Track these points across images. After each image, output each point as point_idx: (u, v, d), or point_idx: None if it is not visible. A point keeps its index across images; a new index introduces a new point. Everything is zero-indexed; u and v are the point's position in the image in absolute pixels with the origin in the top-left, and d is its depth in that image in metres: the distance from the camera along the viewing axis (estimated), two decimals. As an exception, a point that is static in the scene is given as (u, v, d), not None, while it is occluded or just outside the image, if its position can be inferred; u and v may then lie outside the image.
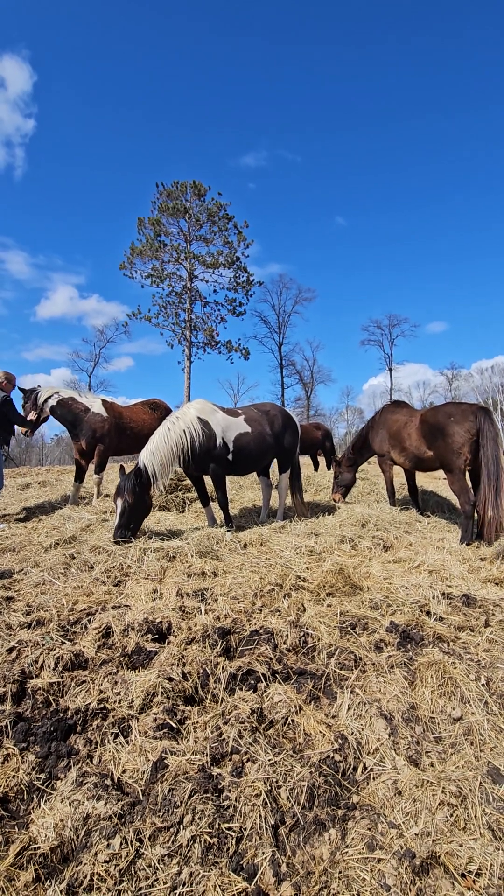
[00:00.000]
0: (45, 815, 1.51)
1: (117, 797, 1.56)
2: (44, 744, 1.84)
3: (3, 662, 2.34)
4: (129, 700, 2.11)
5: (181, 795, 1.52)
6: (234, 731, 1.86)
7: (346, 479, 6.71)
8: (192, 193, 32.16)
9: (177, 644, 2.62)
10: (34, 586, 3.39)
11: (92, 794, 1.56)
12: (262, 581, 3.49)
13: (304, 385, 47.31)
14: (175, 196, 32.19)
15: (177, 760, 1.73)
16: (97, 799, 1.55)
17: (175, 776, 1.66)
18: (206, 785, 1.57)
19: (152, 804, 1.52)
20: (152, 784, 1.68)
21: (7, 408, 5.56)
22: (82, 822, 1.45)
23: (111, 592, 3.30)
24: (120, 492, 4.04)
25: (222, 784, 1.62)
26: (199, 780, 1.59)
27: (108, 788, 1.61)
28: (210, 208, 32.11)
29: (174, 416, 4.52)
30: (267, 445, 5.01)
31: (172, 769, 1.70)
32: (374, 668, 2.46)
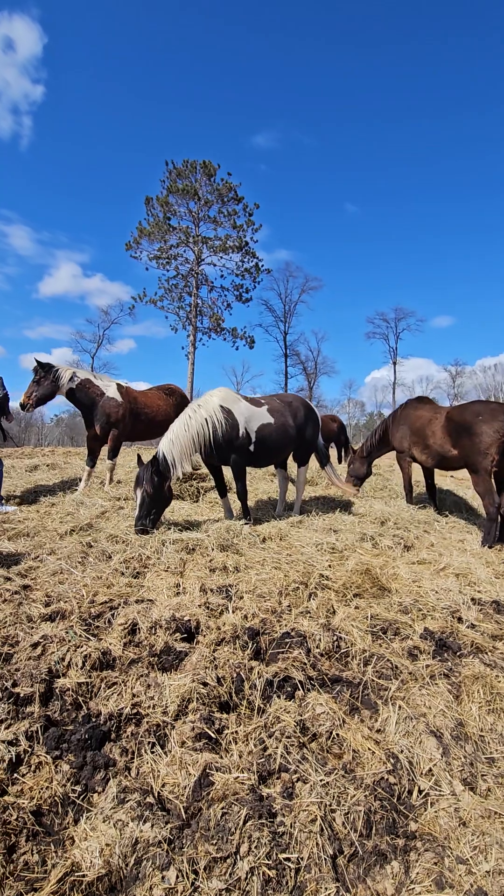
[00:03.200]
0: (87, 837, 1.40)
1: (164, 819, 1.45)
2: (78, 752, 1.72)
3: (29, 659, 2.22)
4: (164, 705, 1.99)
5: (235, 821, 1.40)
6: (281, 746, 1.75)
7: (360, 471, 6.60)
8: (202, 173, 31.48)
9: (206, 644, 2.50)
10: (51, 575, 3.26)
11: (137, 815, 1.45)
12: (287, 579, 3.38)
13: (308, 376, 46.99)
14: (184, 175, 31.51)
15: (223, 778, 1.61)
16: (143, 820, 1.43)
17: (224, 796, 1.54)
18: (259, 809, 1.46)
19: (203, 829, 1.41)
20: (197, 802, 1.57)
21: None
22: (131, 848, 1.34)
23: (132, 585, 3.18)
24: (139, 482, 3.89)
25: (275, 807, 1.51)
26: (251, 804, 1.47)
27: (153, 808, 1.50)
28: (220, 189, 31.47)
29: (196, 403, 4.36)
30: (289, 437, 4.87)
31: (220, 788, 1.58)
32: (412, 678, 2.36)
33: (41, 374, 5.33)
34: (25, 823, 1.49)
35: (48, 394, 5.41)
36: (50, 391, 5.40)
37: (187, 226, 31.90)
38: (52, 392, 5.42)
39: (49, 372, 5.38)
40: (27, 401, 5.29)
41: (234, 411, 4.46)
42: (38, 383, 5.32)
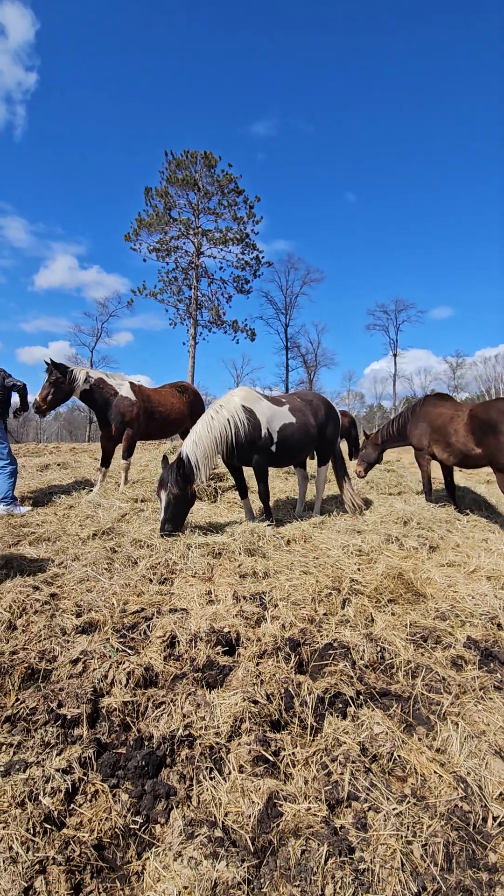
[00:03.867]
0: (161, 878, 1.32)
1: (239, 856, 1.37)
2: (136, 780, 1.64)
3: (71, 677, 2.13)
4: (216, 726, 1.91)
5: (317, 860, 1.33)
6: (347, 772, 1.67)
7: (371, 457, 6.59)
8: (203, 164, 31.09)
9: (249, 658, 2.43)
10: (78, 582, 3.17)
11: (210, 851, 1.37)
12: (319, 584, 3.30)
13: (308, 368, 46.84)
14: (184, 166, 31.11)
15: (293, 809, 1.53)
16: (216, 858, 1.36)
17: (297, 829, 1.46)
18: (339, 845, 1.38)
19: (283, 868, 1.33)
20: (265, 834, 1.49)
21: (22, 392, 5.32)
22: (211, 892, 1.26)
23: (162, 592, 3.10)
24: (163, 484, 3.80)
25: (351, 841, 1.43)
26: (330, 839, 1.40)
27: (224, 843, 1.42)
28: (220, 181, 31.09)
29: (217, 403, 4.26)
30: (310, 436, 4.77)
31: (290, 819, 1.51)
32: (462, 691, 2.29)
33: (57, 376, 5.19)
34: (89, 859, 1.41)
35: (64, 396, 5.28)
36: (66, 393, 5.27)
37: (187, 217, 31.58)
38: (68, 394, 5.28)
39: (65, 373, 5.24)
40: (42, 404, 5.15)
41: (256, 411, 4.37)
42: (55, 385, 5.18)
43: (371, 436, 6.55)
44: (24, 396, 5.41)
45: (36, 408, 5.17)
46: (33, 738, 1.77)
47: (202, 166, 31.10)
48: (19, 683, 2.10)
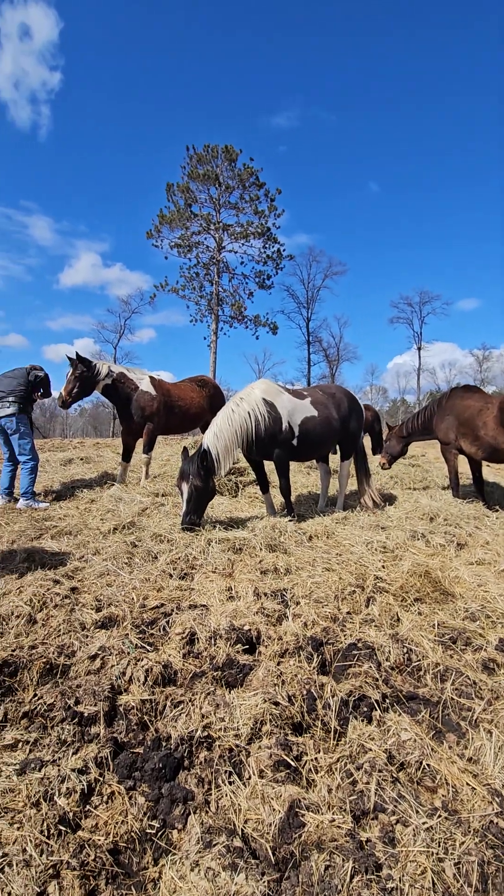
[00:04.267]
0: (177, 889, 1.26)
1: (259, 868, 1.30)
2: (153, 783, 1.59)
3: (89, 673, 2.10)
4: (236, 728, 1.85)
5: (342, 877, 1.25)
6: (373, 782, 1.58)
7: (395, 449, 6.45)
8: (224, 158, 30.90)
9: (269, 657, 2.35)
10: (99, 576, 3.16)
11: (228, 863, 1.30)
12: (342, 581, 3.20)
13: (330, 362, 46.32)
14: (206, 160, 31.00)
15: (316, 819, 1.46)
16: (235, 869, 1.29)
17: (320, 842, 1.39)
18: (365, 861, 1.30)
19: (306, 884, 1.26)
20: (287, 845, 1.42)
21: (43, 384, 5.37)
22: (229, 907, 1.19)
23: (182, 588, 3.05)
24: (185, 476, 3.75)
25: (378, 857, 1.35)
26: (355, 855, 1.31)
27: (243, 854, 1.35)
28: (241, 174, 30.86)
29: (238, 396, 4.18)
30: (333, 430, 4.66)
31: (313, 831, 1.43)
32: (492, 695, 2.16)
33: (82, 370, 5.20)
34: (104, 864, 1.37)
35: (88, 390, 5.30)
36: (89, 387, 5.29)
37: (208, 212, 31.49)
38: (91, 388, 5.30)
39: (89, 367, 5.25)
40: (67, 398, 5.18)
41: (276, 404, 4.27)
42: (79, 379, 5.20)
43: (395, 428, 6.38)
44: (47, 385, 5.45)
45: (61, 402, 5.20)
46: (50, 735, 1.74)
47: (223, 160, 30.92)
48: (38, 679, 2.08)
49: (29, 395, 5.31)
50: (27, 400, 5.29)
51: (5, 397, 5.21)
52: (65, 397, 5.19)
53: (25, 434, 5.19)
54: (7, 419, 5.17)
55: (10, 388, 5.22)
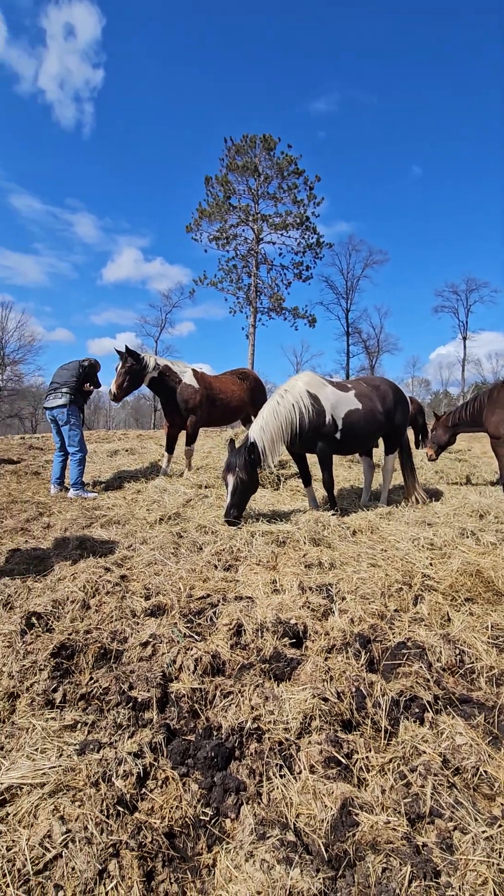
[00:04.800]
0: (233, 878, 1.28)
1: (314, 864, 1.30)
2: (205, 771, 1.62)
3: (141, 660, 2.16)
4: (285, 721, 1.85)
5: (399, 881, 1.22)
6: (429, 785, 1.55)
7: (442, 439, 6.25)
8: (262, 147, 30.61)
9: (317, 652, 2.34)
10: (146, 565, 3.23)
11: (283, 856, 1.31)
12: (388, 578, 3.14)
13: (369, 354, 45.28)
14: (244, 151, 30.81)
15: (371, 820, 1.44)
16: (290, 864, 1.29)
17: (375, 843, 1.37)
18: (423, 867, 1.27)
19: (362, 885, 1.24)
20: (340, 843, 1.41)
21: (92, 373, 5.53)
22: (285, 901, 1.20)
23: (227, 579, 3.08)
24: (231, 468, 3.77)
25: (436, 863, 1.31)
26: (413, 859, 1.29)
27: (297, 849, 1.35)
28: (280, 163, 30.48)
29: (282, 388, 4.16)
30: (377, 423, 4.55)
31: (367, 831, 1.41)
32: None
33: (131, 363, 5.32)
34: (160, 847, 1.40)
35: (137, 383, 5.41)
36: (138, 380, 5.40)
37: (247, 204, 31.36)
38: (140, 381, 5.41)
39: (138, 360, 5.36)
40: (117, 391, 5.31)
41: (320, 397, 4.22)
42: (129, 372, 5.31)
43: (442, 417, 6.17)
44: (94, 376, 5.61)
45: (112, 395, 5.34)
46: (106, 718, 1.80)
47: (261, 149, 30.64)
48: (93, 662, 2.15)
49: (80, 387, 5.48)
50: (78, 392, 5.46)
51: (59, 388, 5.40)
52: (115, 391, 5.31)
53: (75, 426, 5.37)
54: (59, 410, 5.36)
55: (63, 379, 5.41)
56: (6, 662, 2.09)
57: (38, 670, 2.06)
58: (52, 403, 5.39)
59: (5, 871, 1.26)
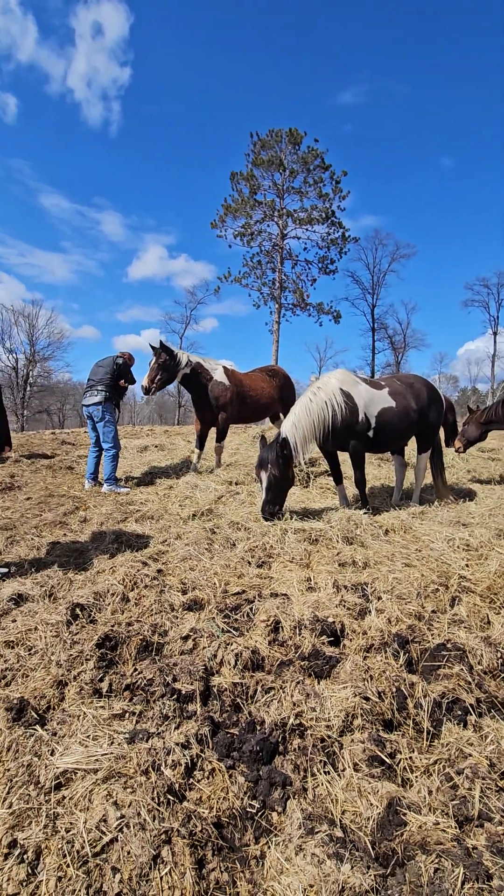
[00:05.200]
0: (284, 870, 1.30)
1: (364, 861, 1.31)
2: (251, 764, 1.65)
3: (182, 653, 2.20)
4: (327, 718, 1.86)
5: (452, 882, 1.22)
6: (477, 788, 1.53)
7: (473, 434, 6.10)
8: (287, 141, 30.36)
9: (355, 650, 2.34)
10: (181, 560, 3.29)
11: (332, 852, 1.32)
12: (424, 579, 3.10)
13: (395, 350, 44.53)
14: (269, 146, 30.61)
15: (419, 820, 1.44)
16: (340, 859, 1.30)
17: (424, 843, 1.37)
18: (475, 869, 1.27)
19: (414, 885, 1.25)
20: (387, 841, 1.41)
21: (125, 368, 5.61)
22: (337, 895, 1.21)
23: (261, 576, 3.11)
24: (264, 464, 3.79)
25: (488, 867, 1.30)
26: (464, 861, 1.28)
27: (347, 845, 1.36)
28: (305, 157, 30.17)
29: (315, 386, 4.14)
30: (410, 422, 4.49)
31: (415, 831, 1.41)
32: None
33: (165, 358, 5.38)
34: (210, 836, 1.44)
35: (170, 378, 5.47)
36: (172, 376, 5.46)
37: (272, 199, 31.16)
38: (173, 376, 5.47)
39: (172, 356, 5.42)
40: (150, 385, 5.38)
41: (353, 394, 4.19)
42: (163, 367, 5.38)
43: (476, 413, 6.04)
44: (127, 371, 5.69)
45: (145, 389, 5.41)
46: (152, 708, 1.85)
47: (287, 143, 30.39)
48: (135, 654, 2.21)
49: (115, 384, 5.58)
50: (113, 388, 5.57)
51: (95, 385, 5.53)
52: (148, 385, 5.37)
53: (109, 423, 5.48)
54: (94, 407, 5.48)
55: (98, 376, 5.53)
56: (54, 651, 2.17)
57: (84, 660, 2.12)
58: (89, 401, 5.51)
59: (66, 852, 1.32)
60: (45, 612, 2.45)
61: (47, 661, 2.13)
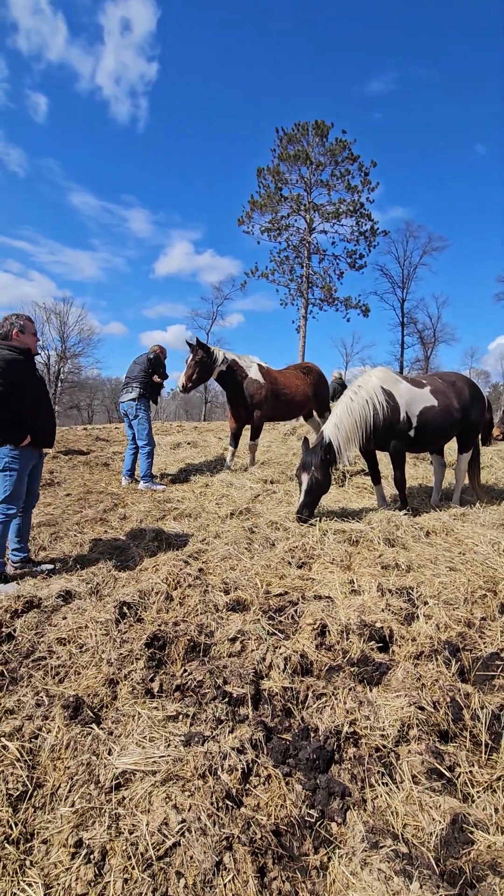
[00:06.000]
0: (350, 885, 1.27)
1: (433, 880, 1.27)
2: (308, 772, 1.62)
3: (231, 656, 2.20)
4: (381, 728, 1.82)
5: (531, 909, 1.17)
6: (547, 809, 1.47)
7: None
8: (314, 134, 29.89)
9: (405, 657, 2.28)
10: (222, 560, 3.28)
11: (398, 868, 1.29)
12: (470, 584, 3.01)
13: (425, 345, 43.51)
14: (296, 139, 30.23)
15: (487, 840, 1.39)
16: (408, 877, 1.27)
17: (495, 863, 1.32)
18: None
19: (489, 908, 1.20)
20: (454, 859, 1.37)
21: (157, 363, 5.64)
22: (409, 915, 1.18)
23: (303, 577, 3.08)
24: (307, 467, 3.75)
25: None
26: (542, 887, 1.23)
27: (413, 862, 1.33)
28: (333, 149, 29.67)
29: (356, 385, 4.07)
30: (453, 421, 4.36)
31: (483, 850, 1.36)
32: None
33: (202, 355, 5.39)
34: (269, 844, 1.42)
35: (206, 375, 5.47)
36: (208, 372, 5.46)
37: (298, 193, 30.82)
38: (209, 373, 5.47)
39: (209, 353, 5.43)
40: (188, 383, 5.40)
41: (394, 393, 4.09)
42: (200, 364, 5.38)
43: None
44: (157, 366, 5.73)
45: (182, 387, 5.44)
46: (205, 711, 1.84)
47: (314, 136, 29.93)
48: (183, 654, 2.21)
49: (149, 380, 5.63)
50: (148, 385, 5.62)
51: (130, 383, 5.60)
52: (185, 382, 5.39)
53: (143, 420, 5.53)
54: (129, 404, 5.56)
55: (133, 374, 5.59)
56: (104, 649, 2.19)
57: (134, 659, 2.14)
58: (125, 398, 5.59)
59: (130, 854, 1.33)
60: (93, 610, 2.48)
61: (98, 659, 2.15)
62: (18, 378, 2.93)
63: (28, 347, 3.08)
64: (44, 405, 3.15)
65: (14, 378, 2.90)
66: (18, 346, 3.02)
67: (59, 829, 1.41)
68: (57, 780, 1.58)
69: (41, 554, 3.44)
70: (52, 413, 3.19)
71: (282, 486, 4.94)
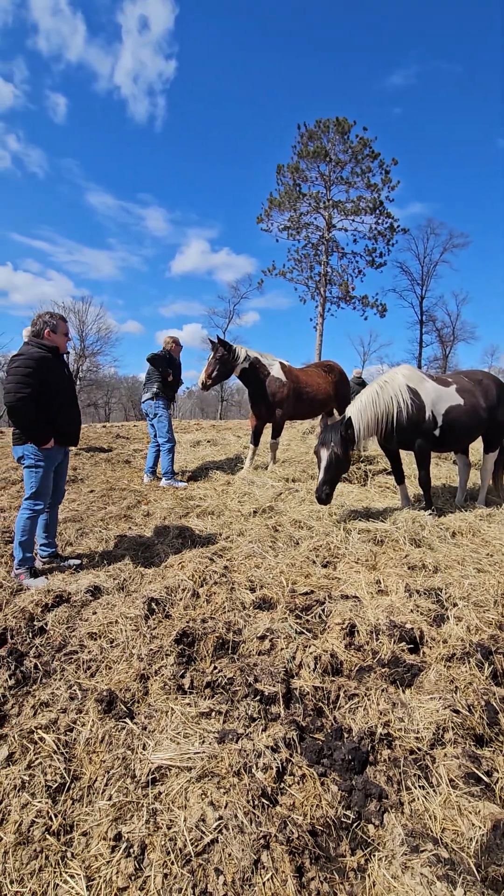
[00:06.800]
0: (391, 888, 1.26)
1: (477, 887, 1.24)
2: (343, 773, 1.61)
3: (260, 654, 2.19)
4: (416, 730, 1.80)
5: None
6: None
7: None
8: (335, 131, 29.66)
9: (436, 659, 2.25)
10: (246, 557, 3.28)
11: (441, 873, 1.27)
12: (501, 585, 2.95)
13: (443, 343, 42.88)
14: (316, 136, 30.04)
15: (532, 848, 1.35)
16: (451, 883, 1.25)
17: (541, 873, 1.29)
18: None
19: (538, 918, 1.17)
20: (496, 866, 1.34)
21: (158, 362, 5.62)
22: (455, 922, 1.16)
23: (329, 577, 3.05)
24: (326, 443, 3.71)
25: None
26: None
27: (456, 867, 1.30)
28: (353, 146, 29.41)
29: (382, 380, 4.02)
30: (479, 420, 4.28)
31: (529, 859, 1.33)
32: None
33: (223, 353, 5.38)
34: (307, 844, 1.41)
35: (227, 373, 5.46)
36: (229, 370, 5.45)
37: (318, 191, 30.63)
38: (230, 371, 5.46)
39: (230, 350, 5.42)
40: (208, 380, 5.39)
41: (420, 391, 4.03)
42: (221, 361, 5.38)
43: None
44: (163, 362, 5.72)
45: (202, 384, 5.43)
46: (237, 708, 1.84)
47: (334, 133, 29.71)
48: (212, 652, 2.21)
49: (164, 379, 5.65)
50: (163, 384, 5.64)
51: (147, 382, 5.64)
52: (205, 380, 5.38)
53: (161, 418, 5.56)
54: (147, 403, 5.60)
55: (148, 373, 5.63)
56: (135, 645, 2.21)
57: (164, 655, 2.15)
58: (143, 398, 5.65)
59: (169, 850, 1.33)
60: (123, 606, 2.50)
61: (129, 654, 2.17)
62: (47, 376, 2.96)
63: (56, 346, 3.11)
64: (70, 403, 3.18)
65: (43, 376, 2.94)
66: (48, 344, 3.05)
67: (98, 821, 1.42)
68: (93, 774, 1.59)
69: (68, 549, 3.48)
70: (77, 411, 3.22)
71: (304, 485, 4.92)
